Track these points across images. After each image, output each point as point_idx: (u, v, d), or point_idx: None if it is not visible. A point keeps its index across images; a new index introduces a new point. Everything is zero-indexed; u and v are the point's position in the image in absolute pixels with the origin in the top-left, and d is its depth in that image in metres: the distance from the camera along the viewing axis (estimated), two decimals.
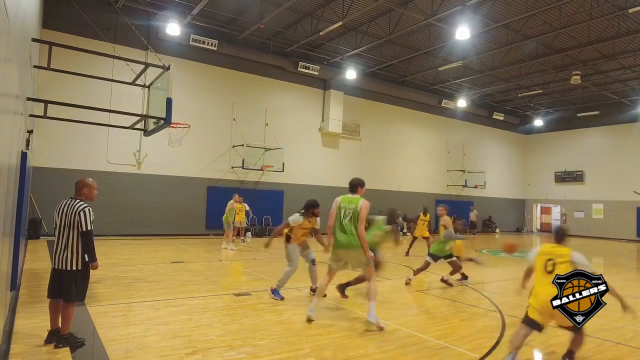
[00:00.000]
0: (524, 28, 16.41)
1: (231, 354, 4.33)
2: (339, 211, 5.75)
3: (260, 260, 11.78)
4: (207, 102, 18.28)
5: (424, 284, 8.91)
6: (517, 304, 7.23)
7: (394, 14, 16.09)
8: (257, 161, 18.79)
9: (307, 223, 7.16)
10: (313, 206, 7.14)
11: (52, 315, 4.50)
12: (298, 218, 7.02)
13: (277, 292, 6.94)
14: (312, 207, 7.13)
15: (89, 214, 4.42)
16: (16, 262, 5.82)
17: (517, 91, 25.14)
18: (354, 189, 5.84)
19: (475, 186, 26.55)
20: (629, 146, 26.27)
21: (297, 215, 7.06)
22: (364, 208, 5.59)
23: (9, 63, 3.56)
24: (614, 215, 26.60)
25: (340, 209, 5.75)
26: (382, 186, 23.31)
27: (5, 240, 4.13)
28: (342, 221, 5.67)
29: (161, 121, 7.68)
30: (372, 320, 5.44)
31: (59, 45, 7.42)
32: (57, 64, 7.43)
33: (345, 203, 5.74)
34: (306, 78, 20.86)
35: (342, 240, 5.64)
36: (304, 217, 7.05)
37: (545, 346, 5.01)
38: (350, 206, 5.67)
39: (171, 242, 15.04)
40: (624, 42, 17.45)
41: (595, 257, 16.36)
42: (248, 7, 16.17)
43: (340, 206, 5.76)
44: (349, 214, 5.64)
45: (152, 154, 16.65)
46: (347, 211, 5.67)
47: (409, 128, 25.04)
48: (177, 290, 7.26)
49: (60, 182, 14.16)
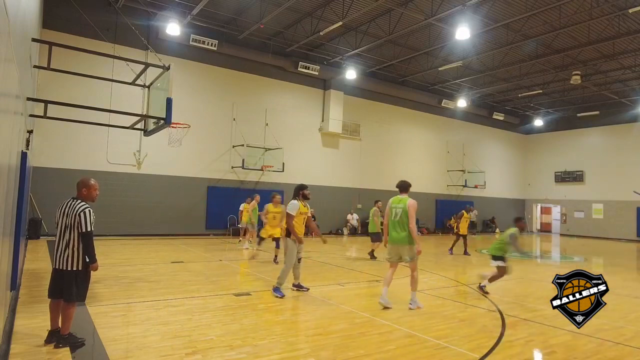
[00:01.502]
0: (524, 28, 16.41)
1: (231, 354, 4.33)
2: (391, 211, 6.56)
3: (260, 260, 11.78)
4: (207, 102, 18.28)
5: (424, 284, 8.90)
6: (517, 304, 7.24)
7: (394, 14, 16.10)
8: (257, 161, 18.79)
9: (303, 207, 7.21)
10: (301, 188, 7.26)
11: (53, 315, 4.50)
12: (295, 204, 7.08)
13: (278, 289, 6.96)
14: (301, 190, 7.24)
15: (89, 215, 4.41)
16: (16, 262, 5.82)
17: (517, 91, 25.14)
18: (404, 190, 6.67)
19: (475, 186, 26.56)
20: (629, 146, 26.27)
21: (293, 202, 7.13)
22: (411, 207, 6.37)
23: (9, 63, 3.56)
24: (614, 215, 26.60)
25: (392, 209, 6.56)
26: (382, 186, 23.32)
27: (5, 240, 4.13)
28: (393, 220, 6.48)
29: (161, 121, 7.68)
30: (413, 307, 6.37)
31: (59, 45, 7.42)
32: (57, 64, 7.43)
33: (395, 204, 6.56)
34: (306, 78, 20.86)
35: (395, 237, 6.44)
36: (298, 202, 7.13)
37: (545, 346, 5.01)
38: (400, 206, 6.45)
39: (171, 242, 15.04)
40: (624, 42, 17.45)
41: (595, 257, 16.37)
42: (248, 7, 16.17)
43: (391, 207, 6.59)
44: (399, 213, 6.41)
45: (152, 154, 16.65)
46: (397, 210, 6.46)
47: (409, 128, 25.04)
48: (177, 290, 7.26)
49: (60, 182, 14.18)
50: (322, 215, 20.52)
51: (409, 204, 6.37)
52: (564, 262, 14.68)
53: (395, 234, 6.43)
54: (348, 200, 22.26)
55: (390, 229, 6.53)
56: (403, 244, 6.37)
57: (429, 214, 25.59)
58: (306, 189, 7.29)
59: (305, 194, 7.24)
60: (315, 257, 12.07)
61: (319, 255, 12.68)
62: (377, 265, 11.22)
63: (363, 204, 21.96)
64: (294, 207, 7.03)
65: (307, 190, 7.31)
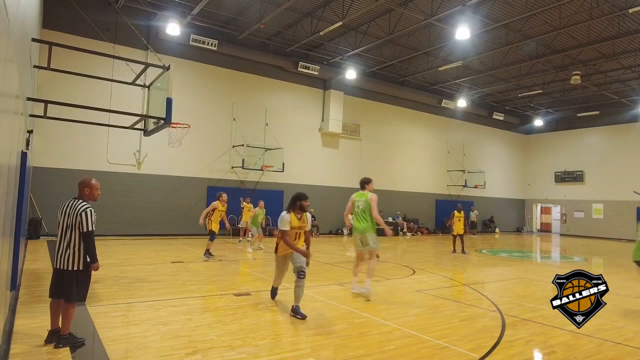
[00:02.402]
0: (524, 28, 16.41)
1: (231, 354, 4.32)
2: (354, 204, 7.41)
3: (260, 260, 11.79)
4: (207, 102, 18.28)
5: (424, 284, 8.90)
6: (517, 304, 7.24)
7: (394, 14, 16.09)
8: (257, 161, 18.79)
9: (296, 221, 5.97)
10: (299, 198, 6.02)
11: (53, 315, 4.50)
12: (285, 217, 5.92)
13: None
14: (298, 200, 6.01)
15: (90, 214, 4.42)
16: (16, 262, 5.82)
17: (517, 91, 25.14)
18: (365, 185, 7.47)
19: (475, 186, 26.56)
20: (629, 146, 26.28)
21: (283, 215, 5.96)
22: (373, 200, 7.21)
23: (9, 63, 3.56)
24: (614, 215, 26.60)
25: (355, 202, 7.41)
26: (382, 186, 23.33)
27: (5, 240, 4.13)
28: (357, 211, 7.31)
29: (161, 121, 7.69)
30: (365, 292, 7.01)
31: (59, 45, 7.42)
32: (57, 64, 7.44)
33: (358, 197, 7.40)
34: (306, 78, 20.86)
35: (359, 227, 7.28)
36: (290, 214, 5.96)
37: (545, 346, 5.01)
38: (362, 199, 7.29)
39: (171, 242, 15.04)
40: (624, 42, 17.45)
41: (595, 257, 16.37)
42: (248, 7, 16.17)
43: (354, 200, 7.43)
44: (361, 206, 7.27)
45: (152, 154, 16.65)
46: (359, 203, 7.31)
47: (409, 128, 25.04)
48: (177, 290, 7.26)
49: (60, 182, 14.19)
50: (322, 216, 20.53)
51: (371, 197, 7.23)
52: (563, 262, 14.69)
53: (359, 224, 7.26)
54: (348, 200, 22.24)
55: (354, 221, 7.37)
56: (366, 232, 7.20)
57: (429, 213, 25.59)
58: (305, 200, 6.05)
59: (304, 206, 6.02)
60: (315, 257, 12.07)
61: (319, 255, 12.68)
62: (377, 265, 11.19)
63: None
64: (285, 221, 5.88)
65: (307, 202, 6.08)
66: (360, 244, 7.39)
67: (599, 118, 27.18)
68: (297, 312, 5.74)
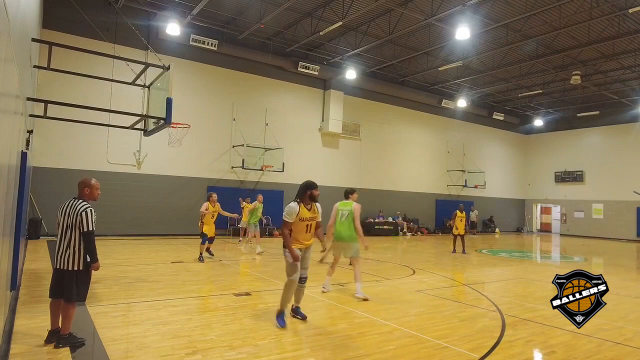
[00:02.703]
0: (524, 28, 16.41)
1: (231, 354, 4.32)
2: (337, 213, 7.35)
3: (260, 260, 11.79)
4: (207, 102, 18.28)
5: (424, 284, 8.90)
6: (517, 304, 7.24)
7: (394, 14, 16.09)
8: (257, 161, 18.79)
9: (306, 212, 5.52)
10: (310, 187, 5.60)
11: (53, 315, 4.50)
12: (293, 208, 5.41)
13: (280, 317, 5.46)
14: (308, 189, 5.58)
15: (90, 214, 4.42)
16: (16, 262, 5.82)
17: (517, 91, 25.14)
18: (349, 195, 7.54)
19: (475, 186, 26.56)
20: (629, 146, 26.28)
21: (291, 205, 5.45)
22: (356, 209, 7.23)
23: (9, 63, 3.56)
24: (614, 215, 26.60)
25: (338, 211, 7.37)
26: (382, 186, 23.35)
27: (5, 240, 4.13)
28: (340, 220, 7.28)
29: (161, 121, 7.68)
30: (360, 296, 6.95)
31: (59, 45, 7.42)
32: (57, 64, 7.44)
33: (342, 206, 7.38)
34: (306, 78, 20.86)
35: (341, 235, 7.25)
36: (299, 205, 5.48)
37: (545, 346, 5.01)
38: (346, 209, 7.29)
39: (171, 242, 15.04)
40: (624, 42, 17.45)
41: (595, 257, 16.37)
42: (248, 7, 16.17)
43: (338, 209, 7.40)
44: (346, 215, 7.25)
45: (152, 154, 16.65)
46: (343, 212, 7.29)
47: (409, 128, 25.04)
48: (177, 290, 7.26)
49: (60, 182, 14.19)
50: (322, 216, 20.49)
51: (355, 207, 7.23)
52: (563, 262, 14.69)
53: (343, 233, 7.23)
54: None
55: (336, 229, 7.31)
56: (349, 241, 7.20)
57: (429, 214, 25.59)
58: (315, 189, 5.65)
59: (314, 195, 5.63)
60: (315, 257, 12.06)
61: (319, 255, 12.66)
62: (377, 265, 11.23)
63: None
64: (292, 212, 5.37)
65: (317, 190, 5.68)
66: (343, 253, 7.35)
67: (599, 118, 27.18)
68: (297, 312, 5.74)
